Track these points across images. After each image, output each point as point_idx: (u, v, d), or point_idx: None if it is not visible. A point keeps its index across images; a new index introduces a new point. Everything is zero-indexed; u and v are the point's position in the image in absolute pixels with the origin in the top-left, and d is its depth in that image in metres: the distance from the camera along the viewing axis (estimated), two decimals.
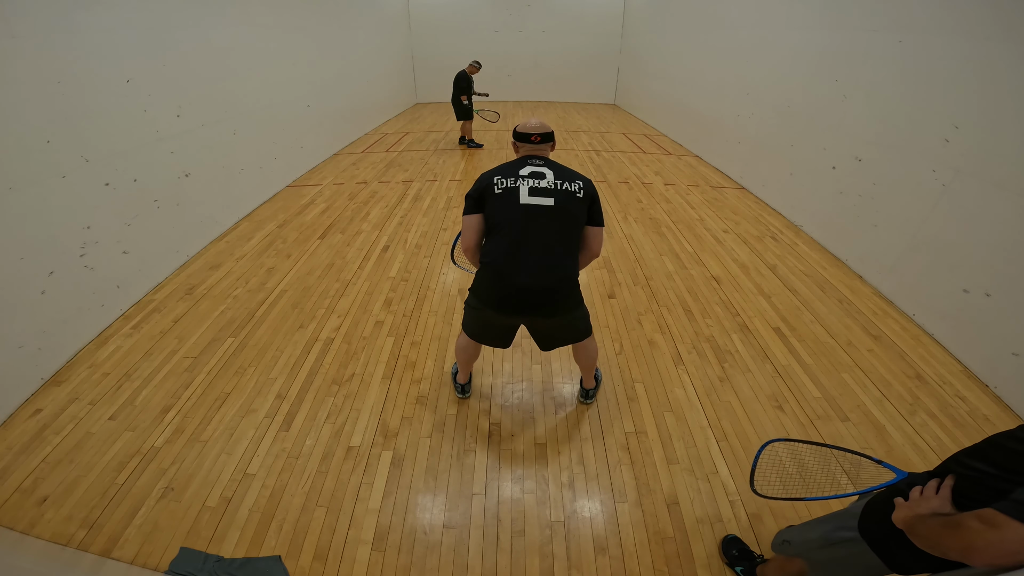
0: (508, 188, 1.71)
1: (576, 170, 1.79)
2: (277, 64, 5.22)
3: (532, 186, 1.71)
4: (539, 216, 1.69)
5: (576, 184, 1.73)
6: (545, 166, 1.77)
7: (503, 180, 1.73)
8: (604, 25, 10.93)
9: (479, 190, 1.75)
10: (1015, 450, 0.83)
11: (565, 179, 1.74)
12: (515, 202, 1.69)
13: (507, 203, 1.70)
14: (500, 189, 1.72)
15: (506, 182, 1.72)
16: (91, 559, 1.69)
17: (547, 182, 1.72)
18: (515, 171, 1.75)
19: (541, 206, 1.69)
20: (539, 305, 1.74)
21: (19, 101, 2.41)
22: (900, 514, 0.94)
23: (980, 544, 0.74)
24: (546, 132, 1.85)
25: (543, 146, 1.86)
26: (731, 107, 5.76)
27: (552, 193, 1.70)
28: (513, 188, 1.71)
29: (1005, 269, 2.45)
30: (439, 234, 4.18)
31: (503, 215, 1.71)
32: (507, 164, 1.81)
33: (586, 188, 1.75)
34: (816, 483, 1.81)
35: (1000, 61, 2.53)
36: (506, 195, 1.71)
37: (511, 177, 1.73)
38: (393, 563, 1.69)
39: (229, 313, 3.06)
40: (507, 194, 1.71)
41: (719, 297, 3.25)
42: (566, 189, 1.72)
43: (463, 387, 2.39)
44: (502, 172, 1.76)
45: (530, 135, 1.83)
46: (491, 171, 1.79)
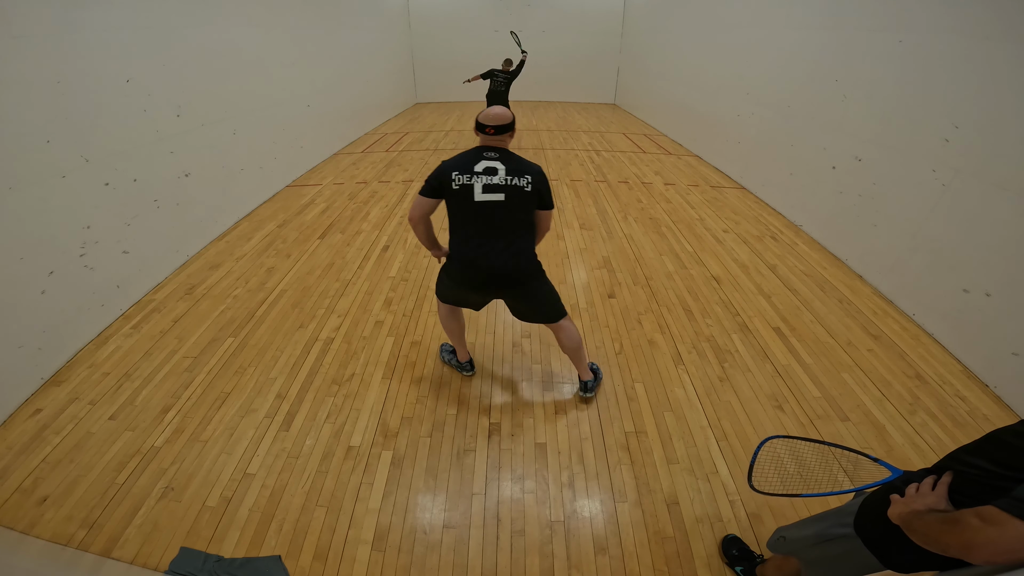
0: (464, 186, 1.86)
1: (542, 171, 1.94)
2: (277, 64, 5.22)
3: (485, 183, 1.86)
4: (494, 210, 1.88)
5: (525, 179, 1.88)
6: (499, 160, 1.88)
7: (460, 176, 1.86)
8: (604, 25, 10.93)
9: (439, 181, 1.89)
10: (1015, 446, 0.83)
11: (515, 174, 1.88)
12: (470, 200, 1.87)
13: (464, 200, 1.88)
14: (457, 186, 1.86)
15: (462, 179, 1.86)
16: (91, 559, 1.69)
17: (499, 178, 1.86)
18: (471, 166, 1.87)
19: (494, 202, 1.87)
20: (504, 280, 1.99)
21: (19, 101, 2.41)
22: (896, 510, 0.94)
23: (980, 541, 0.73)
24: (502, 124, 1.90)
25: (500, 137, 1.92)
26: (731, 107, 5.76)
27: (503, 189, 1.86)
28: (468, 186, 1.86)
29: (1005, 269, 2.45)
30: (439, 234, 4.17)
31: (461, 211, 1.92)
32: (465, 156, 1.91)
33: (534, 182, 1.89)
34: (815, 480, 1.81)
35: (1000, 61, 2.53)
36: (462, 192, 1.87)
37: (467, 174, 1.86)
38: (393, 563, 1.69)
39: (229, 313, 3.06)
40: (463, 191, 1.87)
41: (719, 297, 3.25)
42: (515, 184, 1.87)
43: (464, 365, 2.45)
44: (460, 167, 1.88)
45: (486, 127, 1.90)
46: (451, 163, 1.90)
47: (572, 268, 3.61)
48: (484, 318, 3.00)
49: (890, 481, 1.08)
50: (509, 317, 3.02)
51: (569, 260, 3.74)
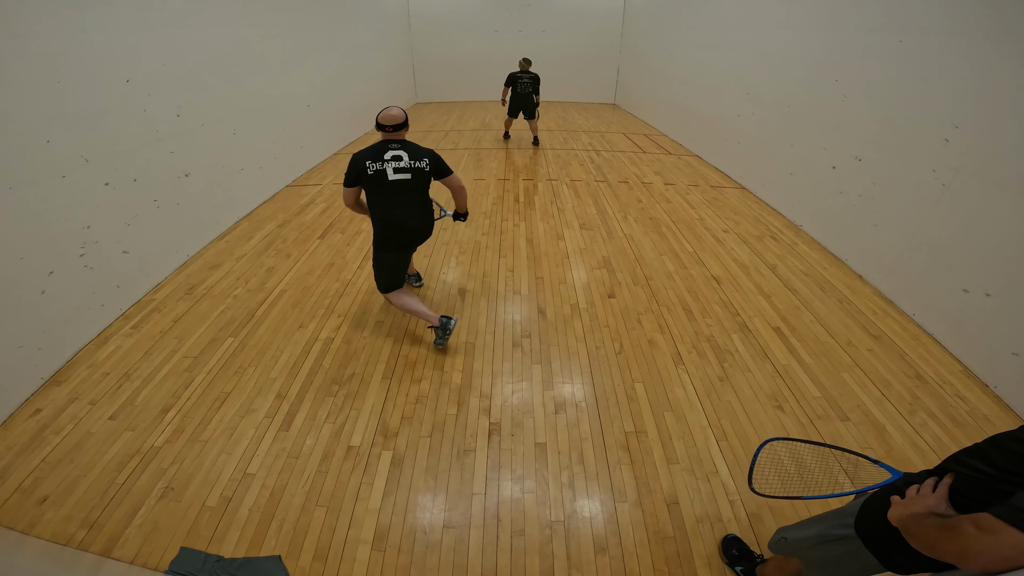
0: (378, 171, 2.36)
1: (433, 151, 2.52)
2: (277, 64, 5.22)
3: (395, 167, 2.38)
4: (403, 186, 2.42)
5: (423, 161, 2.45)
6: (401, 149, 2.41)
7: (373, 164, 2.35)
8: (604, 25, 10.92)
9: (356, 171, 2.36)
10: (1015, 451, 0.83)
11: (416, 159, 2.43)
12: (385, 180, 2.38)
13: (380, 182, 2.38)
14: (372, 172, 2.35)
15: (375, 166, 2.35)
16: (91, 559, 1.69)
17: (404, 163, 2.40)
18: (380, 155, 2.37)
19: (403, 180, 2.41)
20: (424, 231, 2.61)
21: (19, 101, 2.41)
22: (896, 512, 0.94)
23: (975, 549, 0.73)
24: (397, 123, 2.42)
25: (398, 132, 2.44)
26: (731, 107, 5.76)
27: (409, 171, 2.41)
28: (381, 170, 2.36)
29: (1005, 269, 2.45)
30: (439, 234, 4.18)
31: (380, 190, 2.41)
32: (374, 148, 2.39)
33: (430, 162, 2.47)
34: (815, 482, 1.81)
35: (1000, 61, 2.53)
36: (377, 176, 2.37)
37: (378, 161, 2.36)
38: (393, 563, 1.69)
39: (229, 313, 3.06)
40: (378, 175, 2.37)
41: (719, 297, 3.25)
42: (417, 167, 2.43)
43: (444, 324, 2.63)
44: (371, 157, 2.36)
45: (385, 126, 2.39)
46: (362, 155, 2.36)
47: (572, 268, 3.62)
48: (484, 318, 3.00)
49: (891, 482, 1.08)
50: (509, 318, 3.02)
51: (569, 260, 3.74)
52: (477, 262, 3.70)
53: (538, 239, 4.09)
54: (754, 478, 1.25)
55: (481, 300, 3.20)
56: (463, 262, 3.70)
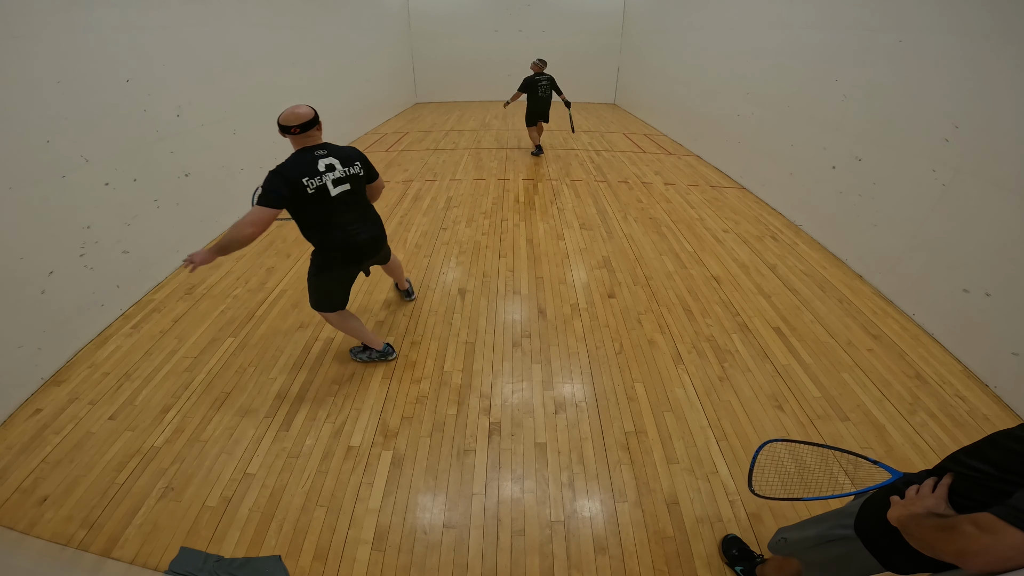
0: (318, 187, 1.99)
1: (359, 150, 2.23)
2: (277, 64, 5.22)
3: (333, 179, 2.04)
4: (347, 198, 2.11)
5: (356, 166, 2.14)
6: (330, 155, 2.04)
7: (311, 180, 1.96)
8: (604, 25, 10.92)
9: (290, 190, 1.92)
10: (1014, 450, 0.83)
11: (348, 164, 2.10)
12: (328, 197, 2.03)
13: (322, 200, 2.03)
14: (312, 190, 1.97)
15: (314, 182, 1.97)
16: (91, 559, 1.69)
17: (339, 171, 2.06)
18: (313, 168, 1.98)
19: (344, 192, 2.09)
20: (376, 245, 2.36)
21: (19, 101, 2.41)
22: (895, 512, 0.94)
23: (975, 549, 0.73)
24: (306, 121, 1.98)
25: (310, 133, 2.02)
26: (731, 107, 5.75)
27: (346, 180, 2.09)
28: (322, 186, 2.00)
29: (1005, 269, 2.45)
30: (439, 233, 4.18)
31: (324, 209, 2.06)
32: (300, 161, 1.98)
33: (362, 164, 2.19)
34: (815, 483, 1.81)
35: (1000, 61, 2.53)
36: (319, 194, 2.00)
37: (315, 176, 1.98)
38: (393, 563, 1.69)
39: (229, 313, 3.06)
40: (319, 193, 2.00)
41: (719, 297, 3.25)
42: (352, 173, 2.11)
43: (385, 350, 2.55)
44: (304, 172, 1.95)
45: (291, 127, 1.97)
46: (291, 170, 1.93)
47: (572, 268, 3.61)
48: (484, 318, 3.00)
49: (890, 483, 1.08)
50: (509, 318, 3.02)
51: (569, 260, 3.74)
52: (477, 262, 3.70)
53: (538, 239, 4.09)
54: (754, 479, 1.25)
55: (481, 300, 3.20)
56: (463, 262, 3.70)
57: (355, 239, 2.21)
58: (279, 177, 1.91)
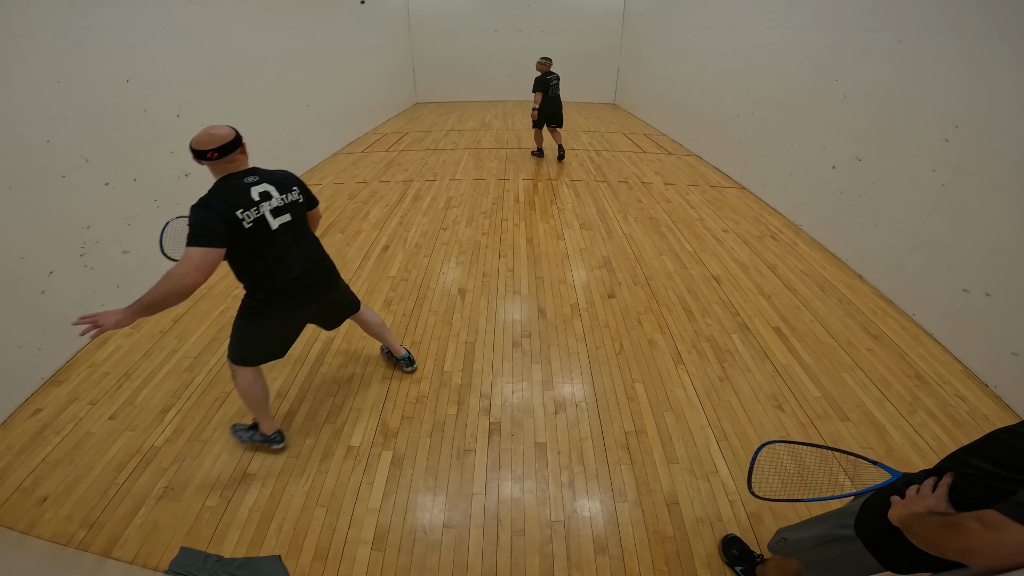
0: (256, 220, 1.65)
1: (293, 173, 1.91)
2: (277, 64, 5.22)
3: (271, 208, 1.71)
4: (288, 230, 1.78)
5: (294, 191, 1.82)
6: (263, 181, 1.72)
7: (245, 212, 1.62)
8: (604, 25, 10.92)
9: (227, 226, 1.57)
10: (1015, 447, 0.83)
11: (285, 190, 1.78)
12: (268, 231, 1.70)
13: (262, 235, 1.69)
14: (250, 223, 1.63)
15: (251, 214, 1.63)
16: (91, 559, 1.69)
17: (277, 200, 1.74)
18: (247, 198, 1.64)
19: (286, 224, 1.77)
20: (327, 283, 2.00)
21: (19, 101, 2.41)
22: (896, 512, 0.94)
23: (980, 546, 0.73)
24: (223, 144, 1.64)
25: (234, 157, 1.69)
26: (731, 107, 5.75)
27: (286, 209, 1.77)
28: (260, 218, 1.67)
29: (1005, 269, 2.45)
30: (439, 233, 4.18)
31: (265, 246, 1.71)
32: (228, 190, 1.63)
33: (300, 189, 1.87)
34: (816, 483, 1.81)
35: (1000, 61, 2.53)
36: (257, 228, 1.66)
37: (250, 208, 1.64)
38: (393, 563, 1.69)
39: (229, 312, 3.06)
40: (258, 226, 1.66)
41: (719, 297, 3.25)
42: (291, 201, 1.80)
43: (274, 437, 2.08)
44: (236, 203, 1.61)
45: (207, 152, 1.62)
46: (221, 202, 1.58)
47: (572, 268, 3.61)
48: (484, 318, 3.00)
49: (891, 483, 1.08)
50: (509, 318, 3.02)
51: (569, 260, 3.74)
52: (477, 262, 3.70)
53: (538, 239, 4.09)
54: (753, 480, 1.25)
55: (481, 300, 3.20)
56: (463, 262, 3.70)
57: (300, 278, 1.85)
58: (209, 212, 1.54)
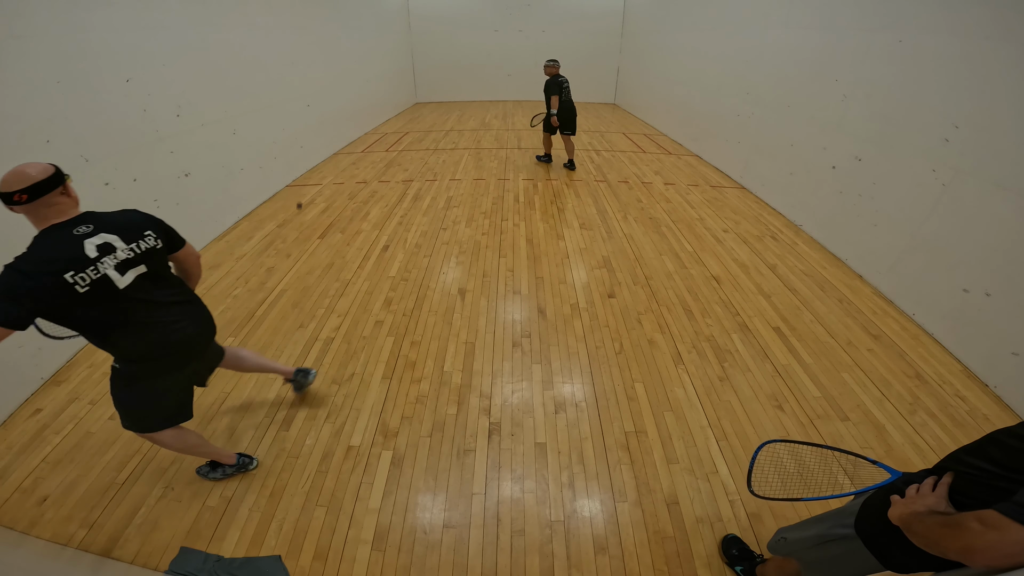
0: (95, 282, 1.34)
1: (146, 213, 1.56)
2: (277, 64, 5.22)
3: (116, 263, 1.39)
4: (143, 285, 1.47)
5: (148, 237, 1.50)
6: (101, 231, 1.40)
7: (78, 275, 1.31)
8: (604, 25, 10.93)
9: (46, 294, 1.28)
10: (1015, 447, 0.83)
11: (134, 238, 1.46)
12: (115, 293, 1.40)
13: (106, 298, 1.38)
14: (86, 286, 1.33)
15: (86, 276, 1.33)
16: (91, 559, 1.69)
17: (123, 251, 1.42)
18: (78, 254, 1.33)
19: (139, 278, 1.46)
20: (208, 336, 1.75)
21: (19, 101, 2.41)
22: (896, 511, 0.94)
23: (980, 545, 0.74)
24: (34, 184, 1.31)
25: (51, 200, 1.36)
26: (731, 107, 5.76)
27: (138, 259, 1.45)
28: (101, 279, 1.36)
29: (1005, 269, 2.45)
30: (439, 233, 4.18)
31: (115, 310, 1.42)
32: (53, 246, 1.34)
33: (157, 232, 1.54)
34: (815, 483, 1.81)
35: (1000, 61, 2.53)
36: (96, 291, 1.35)
37: (85, 267, 1.33)
38: (393, 563, 1.69)
39: (229, 313, 3.06)
40: (97, 289, 1.35)
41: (719, 297, 3.25)
42: (145, 248, 1.48)
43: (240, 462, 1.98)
44: (65, 263, 1.31)
45: (11, 195, 1.30)
46: (40, 264, 1.29)
47: (572, 268, 3.61)
48: (484, 318, 3.00)
49: (891, 482, 1.08)
50: (509, 318, 3.02)
51: (569, 260, 3.74)
52: (477, 262, 3.70)
53: (538, 239, 4.09)
54: (753, 480, 1.25)
55: (481, 300, 3.20)
56: (463, 262, 3.70)
57: (176, 335, 1.56)
58: (19, 278, 1.25)
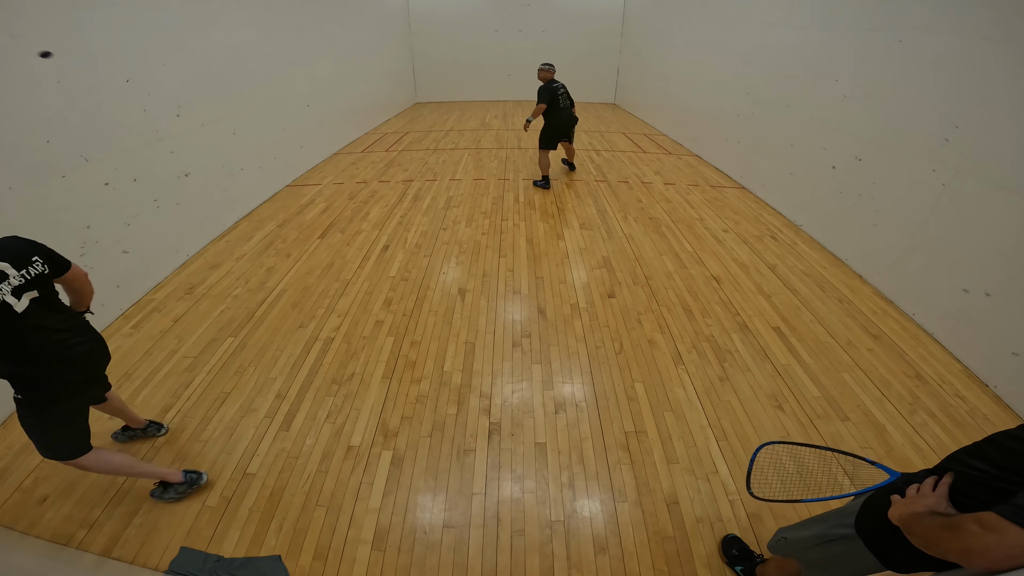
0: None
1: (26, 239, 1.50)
2: (277, 64, 5.22)
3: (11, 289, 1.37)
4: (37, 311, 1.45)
5: (35, 263, 1.44)
6: None
7: None
8: (604, 25, 10.92)
9: None
10: (1015, 450, 0.83)
11: (23, 264, 1.42)
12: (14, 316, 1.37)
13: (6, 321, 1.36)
14: None
15: None
16: (91, 559, 1.69)
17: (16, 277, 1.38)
18: None
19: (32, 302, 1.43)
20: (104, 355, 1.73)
21: (19, 101, 2.41)
22: (896, 511, 0.94)
23: (979, 548, 0.73)
24: None
25: None
26: (731, 107, 5.75)
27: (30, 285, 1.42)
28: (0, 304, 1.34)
29: (1005, 269, 2.45)
30: (439, 233, 4.19)
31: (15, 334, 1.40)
32: None
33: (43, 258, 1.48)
34: (816, 483, 1.81)
35: (1000, 61, 2.53)
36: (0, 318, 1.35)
37: None
38: (393, 562, 1.69)
39: (229, 313, 3.06)
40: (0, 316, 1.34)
41: (719, 297, 3.25)
42: (34, 274, 1.43)
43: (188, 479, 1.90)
44: None
45: None
46: None
47: (572, 268, 3.61)
48: (484, 318, 3.00)
49: (891, 482, 1.08)
50: (509, 318, 3.02)
51: (569, 260, 3.74)
52: (477, 262, 3.70)
53: (538, 239, 4.09)
54: (753, 481, 1.25)
55: (481, 300, 3.20)
56: (463, 262, 3.70)
57: (74, 353, 1.56)
58: None
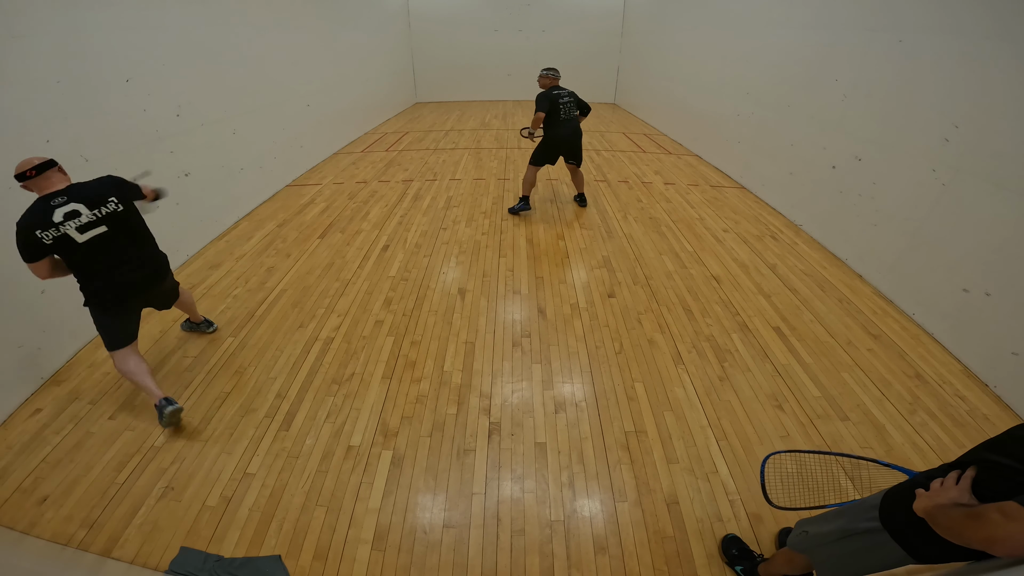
0: (57, 239, 1.83)
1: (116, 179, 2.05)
2: (277, 64, 5.22)
3: (78, 225, 1.86)
4: (105, 242, 1.94)
5: (109, 203, 1.95)
6: (71, 200, 1.86)
7: (44, 233, 1.81)
8: (604, 24, 10.92)
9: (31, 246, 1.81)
10: None
11: (98, 204, 1.91)
12: (75, 245, 1.87)
13: (68, 248, 1.87)
14: (51, 242, 1.82)
15: (49, 234, 1.81)
16: (91, 559, 1.69)
17: (87, 215, 1.88)
18: (47, 219, 1.81)
19: (100, 235, 1.92)
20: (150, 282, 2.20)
21: (19, 101, 2.41)
22: (921, 503, 0.97)
23: (1001, 535, 0.77)
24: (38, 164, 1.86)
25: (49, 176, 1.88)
26: (731, 107, 5.75)
27: (99, 222, 1.92)
28: (61, 236, 1.83)
29: (1005, 269, 2.45)
30: (439, 233, 4.19)
31: (76, 256, 1.90)
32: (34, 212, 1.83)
33: (119, 197, 1.99)
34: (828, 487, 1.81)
35: (999, 61, 2.53)
36: (62, 245, 1.85)
37: (49, 228, 1.81)
38: (393, 562, 1.69)
39: (229, 312, 3.06)
40: (61, 244, 1.85)
41: (719, 296, 3.25)
42: (108, 212, 1.94)
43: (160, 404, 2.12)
44: (36, 224, 1.80)
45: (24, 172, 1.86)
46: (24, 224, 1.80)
47: (572, 268, 3.61)
48: (484, 318, 3.00)
49: (913, 478, 1.10)
50: (509, 317, 3.02)
51: (569, 260, 3.74)
52: (477, 262, 3.70)
53: (538, 239, 4.09)
54: (768, 492, 1.24)
55: (481, 300, 3.20)
56: (463, 262, 3.70)
57: (128, 275, 2.06)
58: (18, 233, 1.80)
